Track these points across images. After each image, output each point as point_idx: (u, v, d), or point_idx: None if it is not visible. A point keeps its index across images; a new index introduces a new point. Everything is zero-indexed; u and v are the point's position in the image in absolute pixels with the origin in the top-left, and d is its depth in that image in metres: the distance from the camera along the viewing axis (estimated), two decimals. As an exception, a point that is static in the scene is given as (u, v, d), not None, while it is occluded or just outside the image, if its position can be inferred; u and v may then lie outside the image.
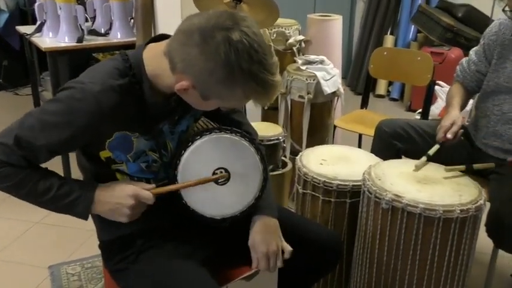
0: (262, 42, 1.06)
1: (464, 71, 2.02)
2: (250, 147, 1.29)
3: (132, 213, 1.18)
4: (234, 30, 1.02)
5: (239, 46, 1.01)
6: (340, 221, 1.80)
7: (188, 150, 1.24)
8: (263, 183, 1.32)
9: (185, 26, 1.07)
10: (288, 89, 2.65)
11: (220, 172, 1.25)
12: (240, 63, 1.02)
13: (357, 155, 1.94)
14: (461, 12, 4.09)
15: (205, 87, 1.08)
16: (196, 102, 1.15)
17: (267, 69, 1.05)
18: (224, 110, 1.20)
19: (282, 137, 2.31)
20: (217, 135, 1.26)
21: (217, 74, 1.04)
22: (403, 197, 1.49)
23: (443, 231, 1.47)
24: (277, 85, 1.09)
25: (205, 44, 1.02)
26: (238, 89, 1.06)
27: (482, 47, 1.95)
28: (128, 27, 2.96)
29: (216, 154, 1.26)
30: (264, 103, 1.13)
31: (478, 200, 1.50)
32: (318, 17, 3.12)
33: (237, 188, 1.28)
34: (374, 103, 4.52)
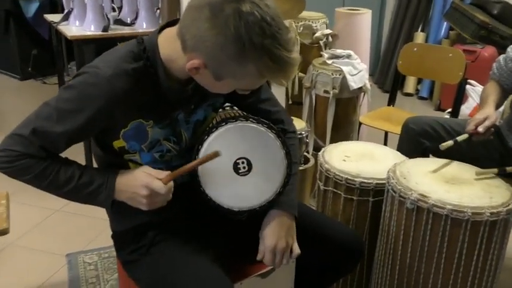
0: (276, 16, 0.99)
1: (501, 69, 1.93)
2: (276, 140, 1.23)
3: (148, 202, 1.14)
4: (245, 2, 0.97)
5: (250, 18, 0.96)
6: (362, 220, 1.74)
7: (212, 136, 1.20)
8: (286, 179, 1.27)
9: (195, 1, 1.02)
10: (312, 84, 2.59)
11: (242, 162, 1.21)
12: (251, 36, 0.96)
13: (381, 153, 1.88)
14: (497, 9, 3.94)
15: (217, 65, 1.03)
16: (209, 83, 1.10)
17: (282, 44, 0.99)
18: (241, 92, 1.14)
19: (305, 132, 2.26)
20: (243, 124, 1.21)
21: (228, 49, 0.99)
22: (430, 197, 1.42)
23: (471, 234, 1.40)
24: (293, 62, 1.02)
25: (215, 18, 0.97)
26: (251, 65, 1.00)
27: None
28: (154, 17, 2.94)
29: (240, 143, 1.21)
30: (280, 82, 1.07)
31: (510, 203, 1.42)
32: (346, 11, 3.05)
33: (258, 181, 1.23)
34: (402, 101, 4.41)
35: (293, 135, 1.41)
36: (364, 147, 1.93)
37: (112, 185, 1.15)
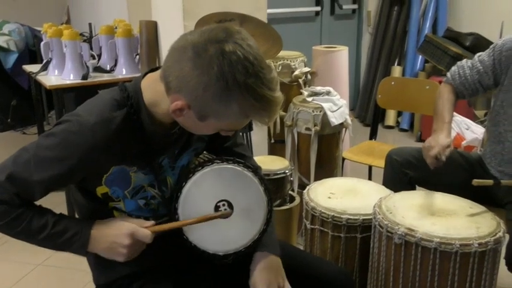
0: (259, 55, 1.01)
1: (465, 78, 1.92)
2: (254, 178, 1.22)
3: (129, 252, 1.12)
4: (228, 42, 0.98)
5: (233, 58, 0.97)
6: (351, 257, 1.72)
7: (189, 182, 1.18)
8: (268, 216, 1.25)
9: (179, 43, 1.03)
10: (294, 122, 2.60)
11: (222, 204, 1.19)
12: (235, 75, 0.97)
13: (366, 187, 1.87)
14: (469, 41, 4.05)
15: (200, 105, 1.03)
16: (193, 124, 1.09)
17: (265, 83, 1.00)
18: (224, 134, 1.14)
19: (289, 170, 2.25)
20: (219, 166, 1.20)
21: (211, 88, 0.99)
22: (417, 230, 1.41)
23: (461, 266, 1.38)
24: (277, 101, 1.03)
25: (199, 58, 0.98)
26: (235, 104, 1.00)
27: (492, 60, 1.85)
28: (133, 63, 2.96)
29: (219, 186, 1.20)
30: (264, 121, 1.06)
31: (497, 232, 1.41)
32: (323, 49, 3.10)
33: (241, 222, 1.21)
34: (383, 134, 4.46)
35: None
36: (348, 183, 1.92)
37: (87, 235, 1.12)
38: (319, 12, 4.68)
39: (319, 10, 4.66)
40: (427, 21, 4.59)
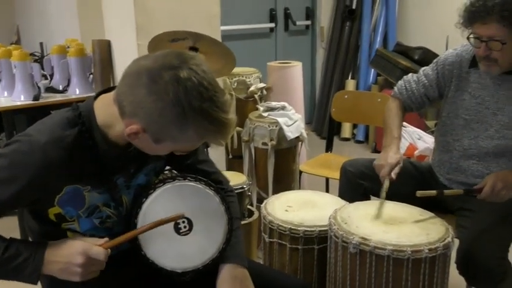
0: (213, 80, 1.03)
1: (411, 91, 1.99)
2: (216, 196, 1.24)
3: (84, 271, 1.09)
4: (182, 68, 1.00)
5: (188, 84, 0.99)
6: (310, 268, 1.74)
7: (150, 198, 1.19)
8: (228, 234, 1.26)
9: (132, 69, 1.04)
10: (251, 137, 2.63)
11: (182, 222, 1.19)
12: (190, 101, 0.99)
13: (322, 199, 1.91)
14: (418, 55, 4.20)
15: (156, 130, 1.04)
16: (148, 147, 1.10)
17: (219, 106, 1.03)
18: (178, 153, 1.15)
19: (246, 185, 2.26)
20: (181, 183, 1.22)
21: (167, 114, 1.00)
22: (370, 239, 1.45)
23: (414, 272, 1.42)
24: (231, 123, 1.06)
25: (154, 84, 0.99)
26: (190, 128, 1.03)
27: (436, 74, 1.93)
28: (87, 83, 2.93)
29: (179, 202, 1.21)
30: (218, 143, 1.10)
31: (446, 238, 1.47)
32: (277, 64, 3.16)
33: (200, 239, 1.22)
34: (340, 146, 4.55)
35: (231, 193, 1.43)
36: (305, 196, 1.96)
37: (40, 257, 1.09)
38: (273, 28, 4.77)
39: (274, 26, 4.75)
40: (377, 36, 4.74)
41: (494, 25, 1.60)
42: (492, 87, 1.78)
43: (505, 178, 1.61)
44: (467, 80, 1.84)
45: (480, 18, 1.62)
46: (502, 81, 1.75)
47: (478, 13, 1.62)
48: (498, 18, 1.58)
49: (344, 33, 4.86)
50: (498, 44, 1.61)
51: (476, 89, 1.81)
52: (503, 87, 1.75)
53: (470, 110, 1.83)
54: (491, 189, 1.59)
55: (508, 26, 1.58)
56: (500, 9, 1.56)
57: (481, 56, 1.69)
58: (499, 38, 1.60)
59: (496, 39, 1.61)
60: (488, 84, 1.79)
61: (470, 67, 1.83)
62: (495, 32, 1.60)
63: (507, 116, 1.74)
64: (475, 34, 1.67)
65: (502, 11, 1.56)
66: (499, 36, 1.60)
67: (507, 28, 1.58)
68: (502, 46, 1.61)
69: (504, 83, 1.75)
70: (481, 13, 1.61)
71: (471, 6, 1.65)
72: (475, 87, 1.82)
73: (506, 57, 1.65)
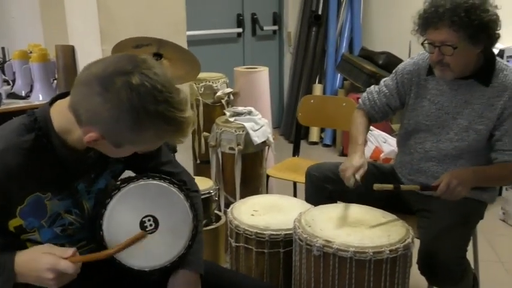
0: (166, 81, 1.03)
1: (374, 102, 2.04)
2: (180, 194, 1.25)
3: (58, 282, 1.07)
4: (134, 73, 1.00)
5: (141, 89, 0.99)
6: (276, 272, 1.76)
7: (115, 198, 1.19)
8: (193, 231, 1.27)
9: (84, 76, 1.03)
10: (218, 142, 2.64)
11: (148, 220, 1.20)
12: (145, 106, 1.00)
13: (288, 203, 1.93)
14: (382, 60, 4.29)
15: (114, 135, 1.04)
16: (109, 151, 1.11)
17: (175, 106, 1.03)
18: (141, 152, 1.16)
19: (213, 190, 2.27)
20: (145, 182, 1.22)
21: (123, 120, 1.01)
22: (333, 242, 1.47)
23: (376, 273, 1.46)
24: (188, 121, 1.06)
25: (107, 92, 0.99)
26: (148, 131, 1.03)
27: (396, 83, 1.98)
28: (50, 88, 2.87)
29: (144, 201, 1.21)
30: (179, 141, 1.11)
31: (406, 239, 1.51)
32: (244, 70, 3.18)
33: (166, 237, 1.23)
34: (308, 150, 4.60)
35: (196, 194, 1.42)
36: (271, 200, 1.98)
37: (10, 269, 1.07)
38: (241, 33, 4.79)
39: (241, 31, 4.77)
40: (343, 41, 4.83)
41: (445, 30, 1.66)
42: (449, 92, 1.84)
43: (460, 175, 1.67)
44: (426, 87, 1.90)
45: (433, 24, 1.68)
46: (458, 87, 1.82)
47: (430, 19, 1.69)
48: (449, 24, 1.64)
49: (311, 38, 4.92)
50: (450, 49, 1.67)
51: (435, 95, 1.87)
52: (459, 92, 1.82)
53: (430, 116, 1.88)
54: (446, 186, 1.64)
55: (458, 31, 1.64)
56: (451, 15, 1.63)
57: (434, 61, 1.75)
58: (450, 42, 1.67)
59: (447, 44, 1.67)
60: (445, 90, 1.85)
61: (427, 74, 1.89)
62: (446, 36, 1.67)
63: (465, 119, 1.81)
64: (428, 40, 1.74)
65: (452, 16, 1.63)
66: (450, 41, 1.67)
67: (457, 33, 1.65)
68: (453, 51, 1.67)
69: (460, 88, 1.81)
70: (433, 19, 1.67)
71: (424, 13, 1.71)
72: (434, 94, 1.87)
73: (457, 61, 1.71)
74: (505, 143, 1.76)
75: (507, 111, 1.74)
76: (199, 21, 4.30)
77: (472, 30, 1.64)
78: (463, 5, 1.63)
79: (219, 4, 4.54)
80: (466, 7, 1.63)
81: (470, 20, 1.63)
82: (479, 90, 1.78)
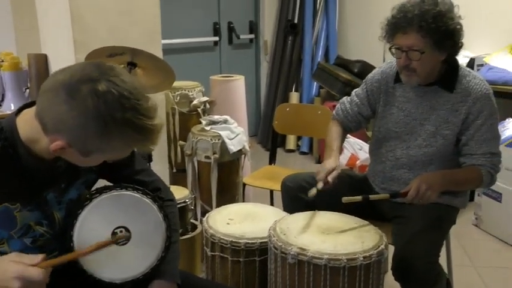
0: (134, 88, 1.03)
1: (346, 111, 2.08)
2: (153, 205, 1.24)
3: None
4: (100, 81, 0.99)
5: (108, 96, 0.98)
6: (251, 280, 1.76)
7: (86, 209, 1.17)
8: (167, 243, 1.26)
9: (50, 84, 1.02)
10: (193, 151, 2.63)
11: (120, 231, 1.19)
12: (112, 113, 0.99)
13: (264, 212, 1.93)
14: (357, 68, 4.35)
15: (82, 144, 1.03)
16: (77, 160, 1.09)
17: (143, 113, 1.02)
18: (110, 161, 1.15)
19: (189, 199, 2.26)
20: (118, 192, 1.21)
21: (90, 128, 0.99)
22: (308, 249, 1.48)
23: (350, 280, 1.47)
24: (157, 128, 1.06)
25: (73, 100, 0.98)
26: (116, 139, 1.02)
27: (366, 92, 2.02)
28: (22, 97, 2.83)
29: (116, 212, 1.20)
30: (148, 149, 1.11)
31: (380, 245, 1.52)
32: (220, 78, 3.19)
33: (139, 248, 1.22)
34: (284, 158, 4.62)
35: (171, 203, 1.42)
36: (247, 208, 1.98)
37: None
38: (217, 42, 4.80)
39: (218, 40, 4.78)
40: (319, 50, 4.88)
41: (413, 35, 1.70)
42: (416, 99, 1.88)
43: (428, 180, 1.70)
44: (394, 94, 1.94)
45: (401, 29, 1.72)
46: (424, 93, 1.86)
47: (399, 24, 1.72)
48: (417, 29, 1.68)
49: (287, 46, 4.96)
50: (417, 54, 1.71)
51: (402, 102, 1.91)
52: (425, 98, 1.86)
53: (399, 122, 1.92)
54: (416, 191, 1.67)
55: (425, 36, 1.69)
56: (419, 21, 1.67)
57: (401, 65, 1.78)
58: (417, 48, 1.71)
59: (415, 49, 1.71)
60: (412, 97, 1.89)
61: (395, 82, 1.93)
62: (414, 41, 1.70)
63: (432, 124, 1.85)
64: (396, 45, 1.77)
65: (420, 22, 1.67)
66: (417, 46, 1.70)
67: (425, 38, 1.69)
68: (420, 56, 1.71)
69: (426, 94, 1.86)
70: (402, 24, 1.71)
71: (393, 19, 1.75)
72: (401, 101, 1.91)
73: (424, 67, 1.75)
74: (471, 147, 1.80)
75: (471, 116, 1.78)
76: (175, 30, 4.30)
77: (439, 37, 1.69)
78: (431, 11, 1.67)
79: (195, 13, 4.55)
80: (434, 14, 1.67)
81: (437, 27, 1.68)
82: (444, 96, 1.82)
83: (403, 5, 1.74)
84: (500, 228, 2.94)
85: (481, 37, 3.55)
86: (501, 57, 3.37)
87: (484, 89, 1.79)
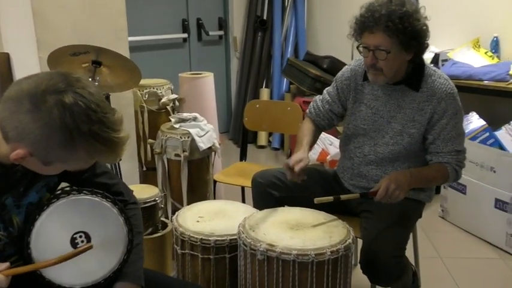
0: (101, 101, 1.02)
1: (318, 109, 2.11)
2: (113, 208, 1.23)
3: None
4: (67, 92, 0.98)
5: (74, 109, 0.98)
6: (222, 278, 1.76)
7: (43, 214, 1.16)
8: (128, 246, 1.25)
9: (14, 92, 1.00)
10: (163, 149, 2.62)
11: (79, 236, 1.17)
12: (78, 125, 0.98)
13: (234, 209, 1.94)
14: (326, 64, 4.39)
15: (44, 154, 1.02)
16: (37, 168, 1.08)
17: (109, 126, 1.02)
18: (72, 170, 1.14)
19: (159, 198, 2.25)
20: (76, 197, 1.20)
21: (55, 139, 0.99)
22: (277, 245, 1.49)
23: (318, 274, 1.49)
24: (122, 141, 1.05)
25: (38, 110, 0.97)
26: (81, 150, 1.02)
27: (336, 90, 2.05)
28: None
29: (75, 217, 1.18)
30: (111, 161, 1.10)
31: (347, 239, 1.55)
32: (189, 75, 3.17)
33: (100, 253, 1.20)
34: (256, 154, 4.64)
35: (134, 206, 1.41)
36: (217, 206, 1.98)
37: None
38: (186, 39, 4.76)
39: (187, 37, 4.75)
40: (288, 46, 4.90)
41: (380, 35, 1.72)
42: (383, 97, 1.91)
43: (397, 179, 1.73)
44: (363, 92, 1.97)
45: (368, 28, 1.74)
46: (392, 92, 1.89)
47: (367, 23, 1.74)
48: (384, 29, 1.70)
49: (257, 43, 4.96)
50: (383, 53, 1.74)
51: (371, 100, 1.94)
52: (392, 97, 1.89)
53: (367, 120, 1.94)
54: (385, 190, 1.70)
55: (392, 36, 1.71)
56: (386, 20, 1.69)
57: (368, 64, 1.81)
58: (384, 47, 1.73)
59: (381, 48, 1.73)
60: (380, 95, 1.92)
61: (364, 80, 1.96)
62: (381, 41, 1.73)
63: (399, 123, 1.88)
64: (363, 44, 1.80)
65: (387, 22, 1.69)
66: (384, 46, 1.73)
67: (391, 38, 1.71)
68: (386, 55, 1.74)
69: (393, 93, 1.89)
70: (369, 23, 1.73)
71: (361, 17, 1.77)
72: (370, 99, 1.94)
73: (390, 66, 1.78)
74: (438, 145, 1.85)
75: (436, 115, 1.82)
76: (143, 27, 4.25)
77: (405, 37, 1.71)
78: (397, 12, 1.70)
79: (163, 9, 4.50)
80: (400, 14, 1.69)
81: (404, 27, 1.70)
82: (410, 95, 1.86)
83: (371, 4, 1.76)
84: (465, 220, 3.02)
85: (445, 32, 3.62)
86: (464, 52, 3.45)
87: (449, 88, 1.82)
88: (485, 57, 3.40)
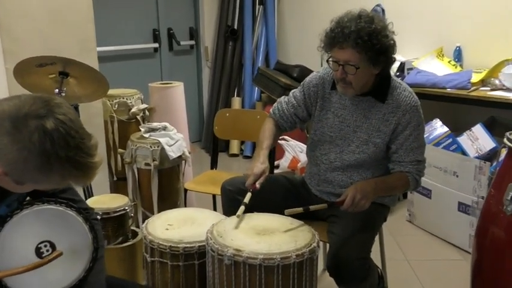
0: (80, 128, 1.06)
1: (282, 111, 2.14)
2: (78, 217, 1.25)
3: None
4: (48, 118, 1.01)
5: (55, 134, 1.00)
6: (192, 284, 1.78)
7: (7, 226, 1.17)
8: (94, 254, 1.27)
9: None
10: (133, 158, 2.63)
11: (44, 245, 1.19)
12: (57, 150, 1.01)
13: (202, 216, 1.96)
14: (296, 72, 4.45)
15: (18, 174, 1.04)
16: (10, 186, 1.10)
17: (86, 152, 1.05)
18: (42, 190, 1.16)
19: (129, 207, 2.26)
20: (39, 207, 1.21)
21: (32, 162, 1.01)
22: (243, 250, 1.53)
23: (284, 277, 1.53)
24: (96, 166, 1.09)
25: (18, 133, 0.99)
26: (55, 174, 1.04)
27: (303, 95, 2.08)
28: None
29: (40, 227, 1.20)
30: (83, 184, 1.13)
31: (312, 243, 1.59)
32: (159, 85, 3.19)
33: (65, 261, 1.22)
34: (228, 162, 4.66)
35: (95, 221, 1.43)
36: (186, 213, 2.00)
37: None
38: (157, 48, 4.78)
39: (158, 47, 4.76)
40: (259, 55, 4.96)
41: (350, 50, 1.75)
42: (351, 107, 1.96)
43: (362, 189, 1.78)
44: (330, 100, 2.01)
45: (338, 44, 1.77)
46: (358, 102, 1.94)
47: (336, 39, 1.76)
48: (353, 45, 1.73)
49: (228, 52, 5.01)
50: (353, 68, 1.77)
51: (338, 108, 1.99)
52: (359, 107, 1.94)
53: (334, 128, 1.99)
54: (351, 200, 1.75)
55: (361, 52, 1.74)
56: (356, 37, 1.72)
57: (338, 78, 1.85)
58: (353, 63, 1.77)
59: (351, 63, 1.77)
60: (347, 104, 1.97)
61: (332, 89, 2.00)
62: (350, 56, 1.76)
63: (365, 132, 1.94)
64: (333, 58, 1.82)
65: (357, 38, 1.72)
66: (353, 61, 1.76)
67: (360, 54, 1.75)
68: (356, 70, 1.77)
69: (360, 104, 1.94)
70: (339, 39, 1.76)
71: (331, 32, 1.79)
72: (337, 107, 1.99)
73: (359, 80, 1.82)
74: (400, 155, 1.91)
75: (400, 126, 1.89)
76: (113, 37, 4.25)
77: (373, 53, 1.75)
78: (366, 28, 1.73)
79: (134, 19, 4.51)
80: (369, 31, 1.73)
81: (372, 44, 1.73)
82: (376, 107, 1.91)
83: (341, 19, 1.78)
84: (431, 223, 3.11)
85: (410, 42, 3.73)
86: (429, 61, 3.55)
87: (413, 101, 1.89)
88: (448, 66, 3.52)
